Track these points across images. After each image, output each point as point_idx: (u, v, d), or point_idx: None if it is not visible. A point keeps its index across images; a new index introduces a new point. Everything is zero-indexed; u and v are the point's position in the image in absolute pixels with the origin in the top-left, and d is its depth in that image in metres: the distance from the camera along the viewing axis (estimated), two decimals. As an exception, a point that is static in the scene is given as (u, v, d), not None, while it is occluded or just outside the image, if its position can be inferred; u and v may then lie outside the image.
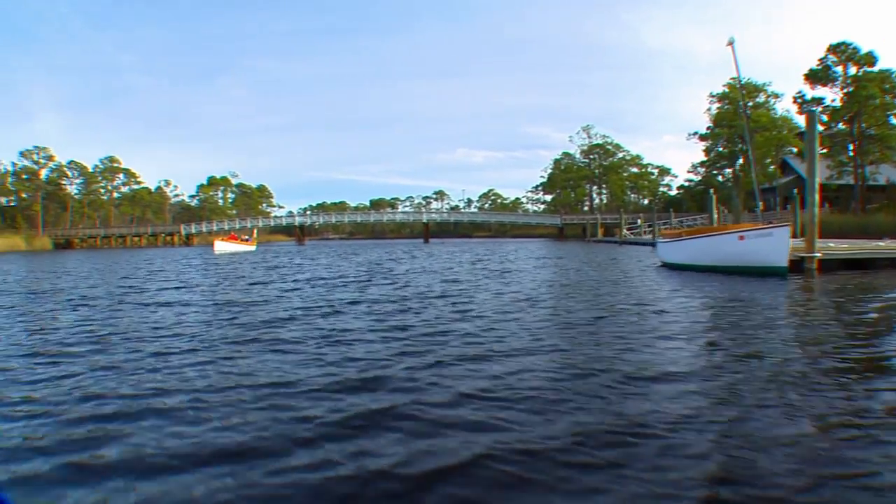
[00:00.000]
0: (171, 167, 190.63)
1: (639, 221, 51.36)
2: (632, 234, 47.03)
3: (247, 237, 47.23)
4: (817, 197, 13.23)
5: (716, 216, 24.26)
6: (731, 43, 17.09)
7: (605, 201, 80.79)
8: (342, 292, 10.43)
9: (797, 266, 12.64)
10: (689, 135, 62.55)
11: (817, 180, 13.26)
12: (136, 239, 67.72)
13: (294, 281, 13.48)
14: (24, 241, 59.71)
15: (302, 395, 3.79)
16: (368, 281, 12.91)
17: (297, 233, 65.66)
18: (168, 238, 67.89)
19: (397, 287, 11.29)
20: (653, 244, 33.06)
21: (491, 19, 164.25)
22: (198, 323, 7.04)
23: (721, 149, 60.00)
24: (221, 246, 39.58)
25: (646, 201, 79.41)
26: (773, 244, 12.05)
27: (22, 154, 70.39)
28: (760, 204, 22.41)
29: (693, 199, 63.72)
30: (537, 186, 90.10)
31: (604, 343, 5.33)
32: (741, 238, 12.54)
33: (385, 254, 29.67)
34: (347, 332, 6.14)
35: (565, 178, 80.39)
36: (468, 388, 3.82)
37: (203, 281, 14.02)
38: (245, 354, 5.10)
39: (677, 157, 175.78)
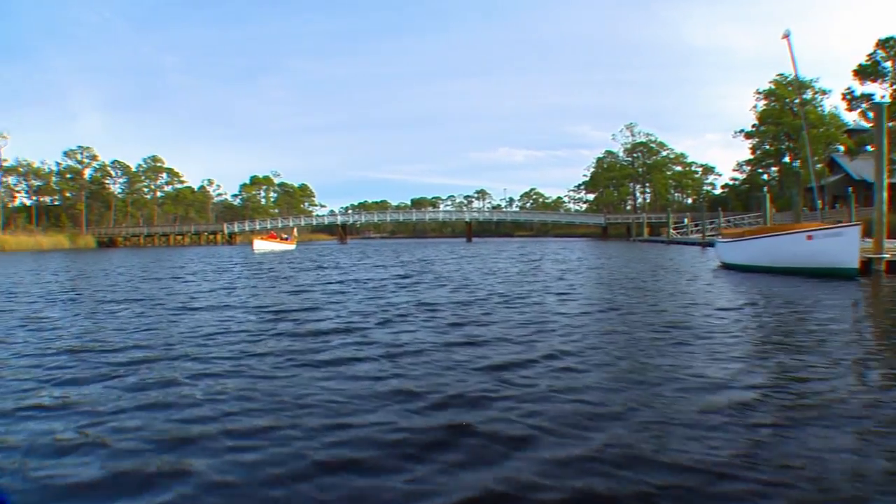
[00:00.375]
0: (213, 167, 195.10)
1: (685, 221, 50.29)
2: (678, 233, 46.12)
3: (286, 236, 46.88)
4: (886, 195, 12.79)
5: (769, 215, 23.58)
6: (786, 35, 16.51)
7: (647, 200, 79.53)
8: (397, 296, 9.85)
9: (865, 268, 12.22)
10: (736, 132, 61.61)
11: (886, 178, 12.82)
12: (179, 238, 68.92)
13: (342, 282, 12.89)
14: (68, 239, 61.04)
15: (364, 429, 3.12)
16: (422, 283, 12.37)
17: (340, 232, 66.24)
18: (211, 237, 68.98)
19: (454, 289, 10.78)
20: (701, 244, 32.47)
21: (530, 17, 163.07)
22: (240, 332, 6.35)
23: (767, 146, 58.71)
24: (261, 245, 39.34)
25: (689, 200, 78.03)
26: (843, 244, 11.59)
27: (66, 154, 72.45)
28: (819, 202, 21.79)
29: (738, 198, 62.43)
30: (579, 185, 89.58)
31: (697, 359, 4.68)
32: (809, 238, 12.13)
33: (431, 253, 29.73)
34: (410, 345, 5.45)
35: (608, 177, 79.48)
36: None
37: (246, 282, 13.44)
38: (293, 374, 4.42)
39: (720, 155, 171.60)
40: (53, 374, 4.53)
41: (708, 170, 78.91)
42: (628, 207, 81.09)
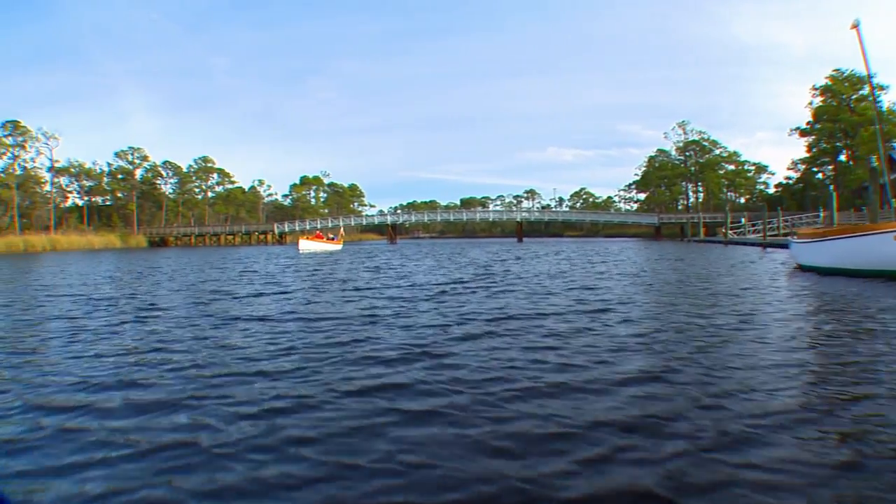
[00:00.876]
0: (264, 167, 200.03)
1: (742, 221, 48.79)
2: (735, 234, 44.79)
3: (332, 236, 45.96)
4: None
5: (835, 215, 22.58)
6: (855, 26, 14.99)
7: (700, 200, 77.71)
8: (466, 304, 8.88)
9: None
10: (792, 130, 59.82)
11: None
12: (229, 237, 69.56)
13: (399, 286, 12.04)
14: (120, 238, 62.41)
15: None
16: (487, 288, 11.39)
17: (389, 231, 66.44)
18: (261, 237, 69.58)
19: (524, 296, 9.85)
20: (762, 244, 31.57)
21: (579, 15, 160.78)
22: (288, 351, 5.44)
23: (824, 144, 56.66)
24: (307, 245, 38.33)
25: (742, 200, 75.91)
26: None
27: (117, 154, 74.04)
28: (894, 200, 20.54)
29: (793, 198, 60.41)
30: (630, 185, 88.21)
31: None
32: None
33: (485, 253, 29.60)
34: (499, 369, 4.60)
35: (660, 176, 77.86)
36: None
37: (298, 285, 12.73)
38: (357, 414, 3.55)
39: (771, 154, 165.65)
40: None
41: (761, 168, 76.47)
42: (680, 207, 79.39)
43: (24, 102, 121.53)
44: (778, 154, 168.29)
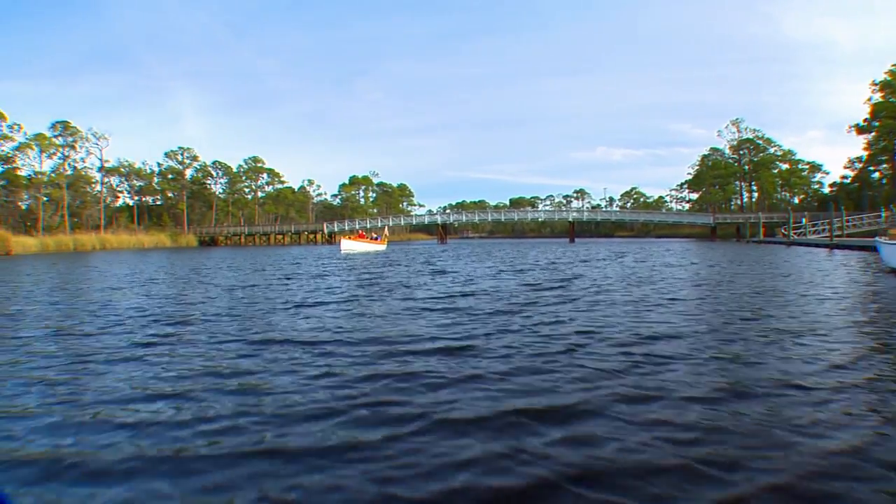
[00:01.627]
0: (313, 168, 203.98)
1: (803, 220, 47.46)
2: (796, 234, 43.50)
3: (376, 236, 44.85)
4: None
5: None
6: None
7: (754, 199, 75.87)
8: (565, 320, 7.40)
9: None
10: (850, 126, 57.91)
11: None
12: (279, 237, 70.55)
13: (475, 294, 10.65)
14: (170, 238, 63.55)
15: None
16: (575, 298, 9.87)
17: (440, 231, 66.53)
18: (311, 236, 70.42)
19: (625, 307, 8.53)
20: (829, 246, 30.80)
21: (625, 14, 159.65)
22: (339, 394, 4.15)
23: (883, 142, 54.66)
24: (348, 245, 37.05)
25: (796, 199, 73.79)
26: None
27: (167, 155, 75.21)
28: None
29: (849, 197, 58.34)
30: (682, 184, 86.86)
31: None
32: None
33: (542, 255, 29.31)
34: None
35: (713, 175, 76.24)
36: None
37: (353, 291, 11.58)
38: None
39: (823, 153, 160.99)
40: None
41: (815, 168, 74.04)
42: (733, 207, 77.67)
43: (78, 106, 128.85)
44: (830, 153, 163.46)
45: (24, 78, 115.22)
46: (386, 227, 55.59)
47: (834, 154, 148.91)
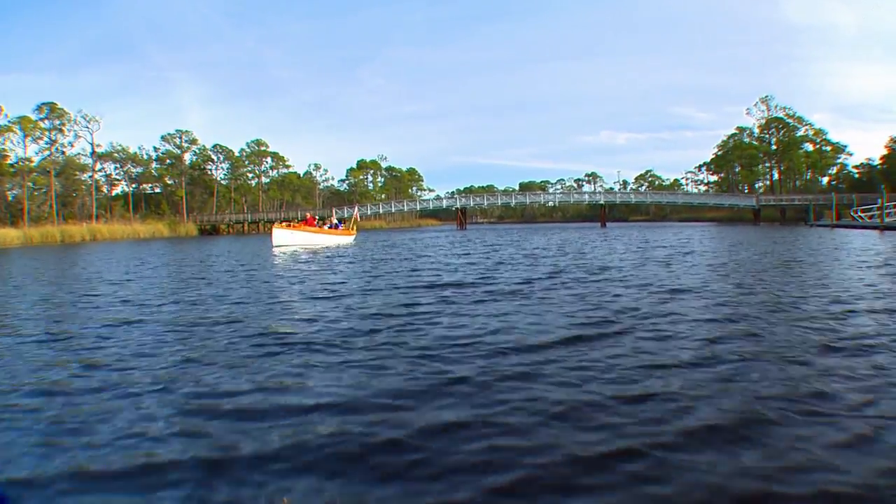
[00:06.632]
0: (318, 157, 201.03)
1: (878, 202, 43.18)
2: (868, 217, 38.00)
3: (336, 222, 32.87)
4: None
5: None
6: None
7: (780, 180, 72.65)
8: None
9: None
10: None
11: None
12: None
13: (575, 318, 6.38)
14: (168, 227, 59.85)
15: None
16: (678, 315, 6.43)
17: (459, 217, 61.91)
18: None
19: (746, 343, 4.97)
20: (880, 228, 28.61)
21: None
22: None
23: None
24: (282, 237, 26.36)
25: (824, 181, 70.37)
26: None
27: (163, 138, 70.22)
28: None
29: (884, 178, 54.70)
30: (700, 166, 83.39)
31: None
32: None
33: (580, 239, 26.41)
34: None
35: (739, 156, 72.53)
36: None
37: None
38: None
39: (836, 137, 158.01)
40: None
41: (838, 149, 70.59)
42: (758, 188, 74.14)
43: (80, 98, 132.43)
44: (837, 136, 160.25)
45: (24, 71, 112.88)
46: (356, 211, 42.77)
47: (841, 136, 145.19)
